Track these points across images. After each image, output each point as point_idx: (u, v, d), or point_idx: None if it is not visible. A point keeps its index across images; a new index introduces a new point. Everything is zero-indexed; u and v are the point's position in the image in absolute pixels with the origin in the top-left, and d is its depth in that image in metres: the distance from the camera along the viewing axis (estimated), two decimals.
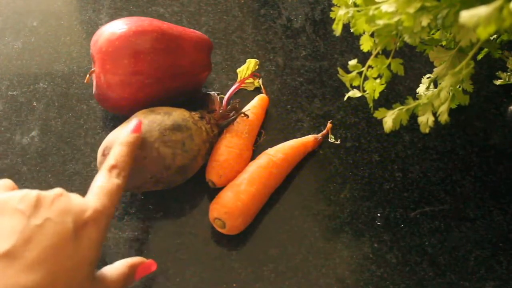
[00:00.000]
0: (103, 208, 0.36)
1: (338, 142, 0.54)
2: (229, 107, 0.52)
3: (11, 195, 0.34)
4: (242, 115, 0.51)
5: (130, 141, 0.42)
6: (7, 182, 0.38)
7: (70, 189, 0.49)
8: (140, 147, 0.44)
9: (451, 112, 0.41)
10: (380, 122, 0.44)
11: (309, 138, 0.52)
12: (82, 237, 0.34)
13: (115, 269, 0.38)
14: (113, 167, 0.39)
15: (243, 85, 0.55)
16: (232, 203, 0.46)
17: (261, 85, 0.57)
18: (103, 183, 0.38)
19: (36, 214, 0.33)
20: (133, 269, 0.39)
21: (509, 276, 0.46)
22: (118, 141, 0.42)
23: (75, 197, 0.36)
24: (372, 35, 0.44)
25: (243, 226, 0.46)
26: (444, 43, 0.49)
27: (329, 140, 0.54)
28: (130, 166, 0.41)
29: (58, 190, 0.36)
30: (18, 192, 0.35)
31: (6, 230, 0.32)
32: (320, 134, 0.53)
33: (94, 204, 0.36)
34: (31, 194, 0.34)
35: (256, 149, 0.52)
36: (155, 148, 0.44)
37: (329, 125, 0.54)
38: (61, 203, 0.34)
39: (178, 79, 0.51)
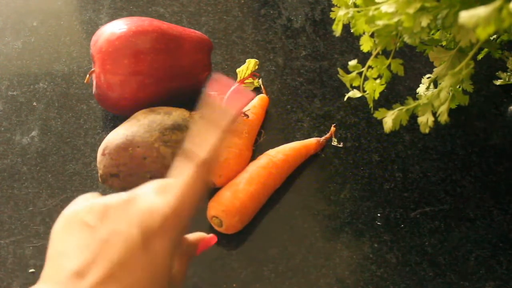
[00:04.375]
0: (175, 213, 0.32)
1: (341, 145, 0.53)
2: None
3: (80, 207, 0.32)
4: (242, 115, 0.51)
5: (232, 126, 0.35)
6: (94, 195, 0.35)
7: (70, 189, 0.50)
8: (140, 146, 0.44)
9: (451, 112, 0.41)
10: (380, 122, 0.44)
11: (312, 141, 0.52)
12: (153, 248, 0.31)
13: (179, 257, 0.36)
14: (205, 161, 0.33)
15: (243, 85, 0.55)
16: (229, 201, 0.46)
17: (261, 85, 0.57)
18: (184, 180, 0.33)
19: (102, 227, 0.31)
20: (192, 249, 0.38)
21: (509, 276, 0.46)
22: (217, 123, 0.34)
23: (144, 201, 0.32)
24: (372, 35, 0.44)
25: (240, 225, 0.46)
26: (444, 43, 0.49)
27: (332, 143, 0.54)
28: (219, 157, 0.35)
29: (126, 197, 0.32)
30: (87, 203, 0.32)
31: (74, 246, 0.30)
32: (323, 138, 0.53)
33: (164, 209, 0.31)
34: (98, 204, 0.32)
35: (256, 149, 0.52)
36: (155, 148, 0.44)
37: (332, 128, 0.54)
38: (128, 212, 0.31)
39: (178, 79, 0.51)
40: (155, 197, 0.32)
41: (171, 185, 0.33)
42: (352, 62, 0.46)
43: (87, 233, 0.31)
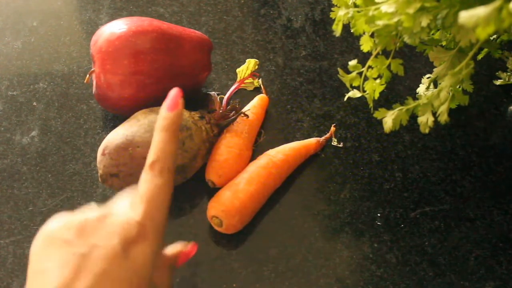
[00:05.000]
0: (149, 219, 0.33)
1: (341, 145, 0.53)
2: (229, 107, 0.52)
3: (57, 224, 0.33)
4: (242, 115, 0.51)
5: (167, 123, 0.35)
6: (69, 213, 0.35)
7: (70, 189, 0.50)
8: (140, 145, 0.44)
9: (451, 112, 0.41)
10: (380, 122, 0.44)
11: (312, 141, 0.52)
12: (133, 255, 0.32)
13: (158, 269, 0.37)
14: (153, 163, 0.34)
15: (242, 85, 0.55)
16: (229, 201, 0.46)
17: (261, 85, 0.57)
18: (145, 188, 0.34)
19: (81, 242, 0.31)
20: (172, 260, 0.39)
21: (509, 276, 0.46)
22: (156, 126, 0.36)
23: (119, 215, 0.33)
24: (372, 35, 0.44)
25: (240, 225, 0.46)
26: (444, 43, 0.49)
27: (332, 143, 0.54)
28: (174, 155, 0.35)
29: (101, 212, 0.33)
30: (64, 220, 0.33)
31: (55, 264, 0.31)
32: (323, 138, 0.53)
33: (138, 218, 0.33)
34: (75, 221, 0.32)
35: (256, 149, 0.52)
36: None
37: (332, 128, 0.54)
38: (106, 226, 0.32)
39: (178, 79, 0.51)
40: (128, 210, 0.34)
41: (137, 195, 0.34)
42: (352, 62, 0.46)
43: (67, 249, 0.31)
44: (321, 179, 0.51)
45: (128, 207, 0.34)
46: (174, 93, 0.37)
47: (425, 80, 0.54)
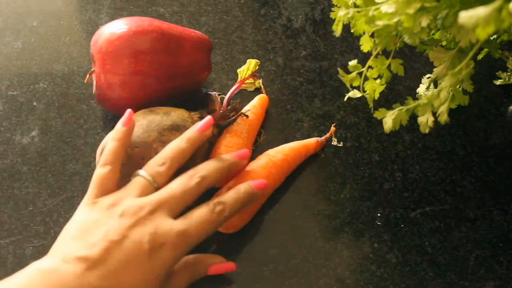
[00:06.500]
0: (189, 235, 0.39)
1: (341, 145, 0.53)
2: (229, 107, 0.52)
3: (131, 202, 0.39)
4: (242, 115, 0.51)
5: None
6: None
7: (70, 189, 0.50)
8: (138, 146, 0.44)
9: (451, 112, 0.41)
10: (380, 122, 0.44)
11: (312, 141, 0.52)
12: (156, 257, 0.37)
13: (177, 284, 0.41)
14: (220, 203, 0.41)
15: (243, 85, 0.55)
16: None
17: (261, 85, 0.57)
18: (203, 213, 0.40)
19: (122, 226, 0.37)
20: (194, 275, 0.42)
21: (509, 276, 0.46)
22: (240, 186, 0.44)
23: (163, 220, 0.39)
24: (372, 35, 0.44)
25: (240, 224, 0.46)
26: (444, 43, 0.49)
27: (332, 143, 0.54)
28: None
29: (148, 209, 0.39)
30: (118, 208, 0.39)
31: (92, 234, 0.37)
32: (323, 137, 0.53)
33: (180, 228, 0.38)
34: (133, 207, 0.38)
35: (256, 149, 0.52)
36: (154, 149, 0.44)
37: (332, 128, 0.54)
38: (148, 223, 0.38)
39: (178, 79, 0.51)
40: (174, 222, 0.39)
41: (191, 215, 0.40)
42: (352, 62, 0.46)
43: (109, 225, 0.37)
44: (321, 179, 0.51)
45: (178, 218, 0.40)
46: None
47: (425, 80, 0.54)
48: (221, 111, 0.51)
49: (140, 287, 0.36)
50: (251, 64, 0.54)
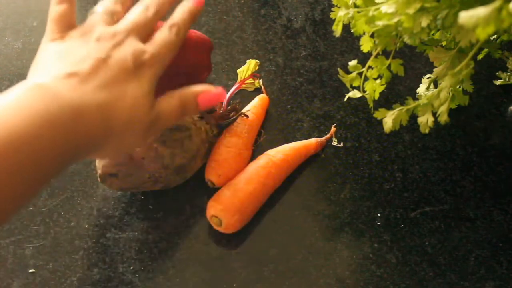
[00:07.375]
0: (159, 54, 0.40)
1: (341, 145, 0.53)
2: (229, 107, 0.52)
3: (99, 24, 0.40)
4: (242, 115, 0.51)
5: (192, 10, 0.43)
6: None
7: (70, 189, 0.50)
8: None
9: (451, 112, 0.41)
10: (380, 122, 0.44)
11: (312, 141, 0.52)
12: (140, 74, 0.38)
13: (167, 102, 0.41)
14: (174, 25, 0.41)
15: (243, 85, 0.55)
16: (228, 200, 0.46)
17: (261, 85, 0.57)
18: (163, 35, 0.41)
19: (103, 46, 0.38)
20: (184, 99, 0.42)
21: (509, 276, 0.46)
22: (183, 4, 0.44)
23: (137, 43, 0.39)
24: (372, 35, 0.44)
25: (239, 224, 0.46)
26: (444, 43, 0.49)
27: (333, 143, 0.54)
28: (189, 27, 0.43)
29: (123, 34, 0.39)
30: (98, 29, 0.39)
31: (75, 54, 0.37)
32: (324, 138, 0.53)
33: (151, 50, 0.39)
34: (107, 33, 0.39)
35: (256, 149, 0.52)
36: (154, 148, 0.44)
37: (333, 129, 0.54)
38: (125, 45, 0.38)
39: (178, 79, 0.51)
40: (142, 44, 0.40)
41: (152, 42, 0.41)
42: (352, 62, 0.46)
43: (90, 47, 0.37)
44: (321, 179, 0.51)
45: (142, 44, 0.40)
46: None
47: (425, 80, 0.54)
48: (221, 111, 0.51)
49: (132, 103, 0.37)
50: (251, 64, 0.54)
